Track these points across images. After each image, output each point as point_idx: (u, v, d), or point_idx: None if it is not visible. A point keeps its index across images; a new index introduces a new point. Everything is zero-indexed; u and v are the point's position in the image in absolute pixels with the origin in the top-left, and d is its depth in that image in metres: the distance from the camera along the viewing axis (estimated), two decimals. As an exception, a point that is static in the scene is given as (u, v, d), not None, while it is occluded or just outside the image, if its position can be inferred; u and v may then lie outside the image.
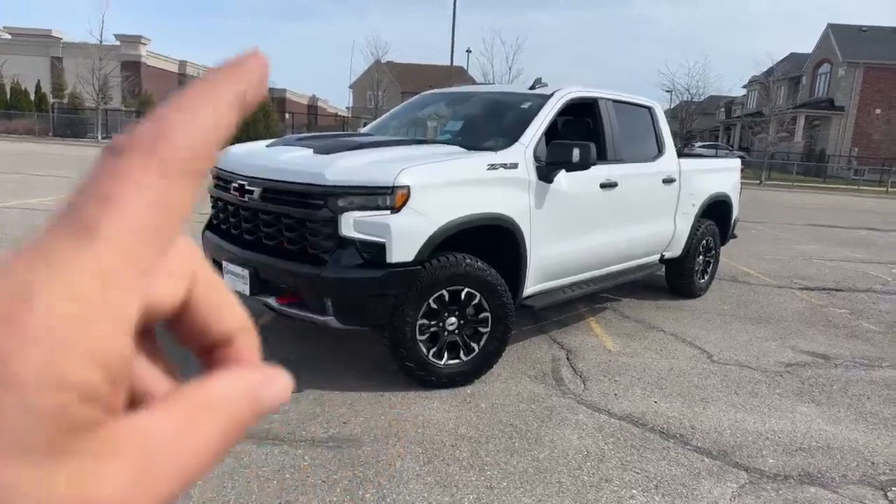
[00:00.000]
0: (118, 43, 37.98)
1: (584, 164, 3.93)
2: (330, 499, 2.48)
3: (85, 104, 32.26)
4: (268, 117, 28.68)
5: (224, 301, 0.24)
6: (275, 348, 4.09)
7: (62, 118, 32.17)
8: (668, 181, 5.34)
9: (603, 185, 4.49)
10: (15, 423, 0.17)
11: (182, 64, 47.03)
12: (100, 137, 30.88)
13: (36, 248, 0.18)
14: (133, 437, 0.19)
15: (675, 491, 2.71)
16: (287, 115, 41.24)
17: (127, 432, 0.19)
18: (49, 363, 0.17)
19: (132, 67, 37.72)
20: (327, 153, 3.50)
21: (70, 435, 0.18)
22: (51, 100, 33.34)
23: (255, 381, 0.22)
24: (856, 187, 30.64)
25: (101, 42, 31.82)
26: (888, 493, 2.82)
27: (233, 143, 4.56)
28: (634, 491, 2.69)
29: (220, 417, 0.21)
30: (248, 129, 26.96)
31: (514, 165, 3.79)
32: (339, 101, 72.78)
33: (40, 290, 0.17)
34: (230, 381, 0.22)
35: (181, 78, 46.04)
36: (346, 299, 3.21)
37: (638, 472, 2.84)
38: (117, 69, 33.86)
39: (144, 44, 41.12)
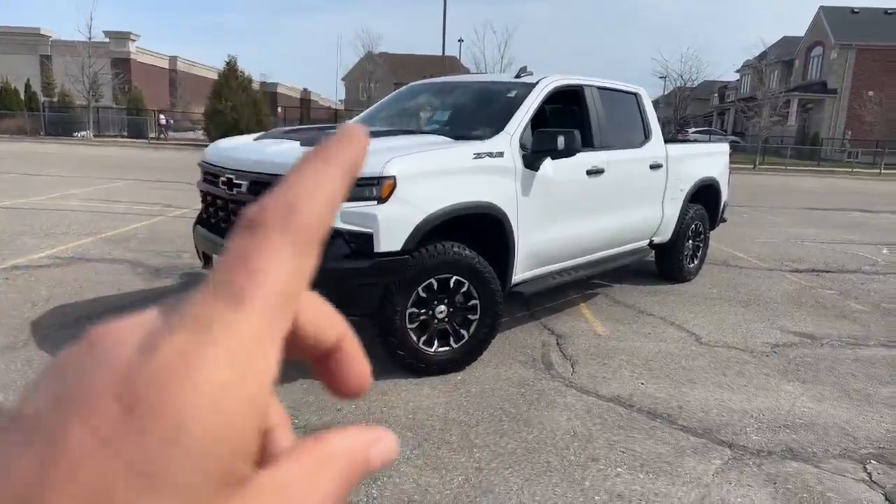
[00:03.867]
0: (107, 40, 37.74)
1: (569, 152, 3.97)
2: (322, 483, 2.54)
3: (76, 102, 32.07)
4: (259, 111, 28.56)
5: (326, 313, 0.26)
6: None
7: (53, 116, 31.97)
8: (656, 167, 5.38)
9: (589, 172, 4.53)
10: (186, 480, 0.18)
11: (172, 59, 46.71)
12: (91, 135, 30.73)
13: (194, 316, 0.20)
14: (270, 489, 0.20)
15: (659, 468, 2.77)
16: (279, 109, 41.07)
17: (266, 485, 0.20)
18: (216, 422, 0.19)
19: (122, 64, 37.51)
20: (314, 145, 3.52)
21: (227, 489, 0.19)
22: (41, 98, 33.13)
23: (366, 441, 0.24)
24: (850, 169, 30.72)
25: (90, 39, 31.60)
26: (867, 466, 2.89)
27: (222, 137, 4.61)
28: (620, 469, 2.76)
29: (339, 471, 0.22)
30: (239, 123, 26.87)
31: (500, 154, 3.83)
32: (331, 93, 72.47)
33: (205, 355, 0.19)
34: (346, 438, 0.23)
35: (172, 74, 45.78)
36: (335, 289, 3.25)
37: (624, 451, 2.91)
38: (107, 66, 33.66)
39: (133, 40, 40.83)
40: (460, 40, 41.81)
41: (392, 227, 3.25)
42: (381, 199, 3.23)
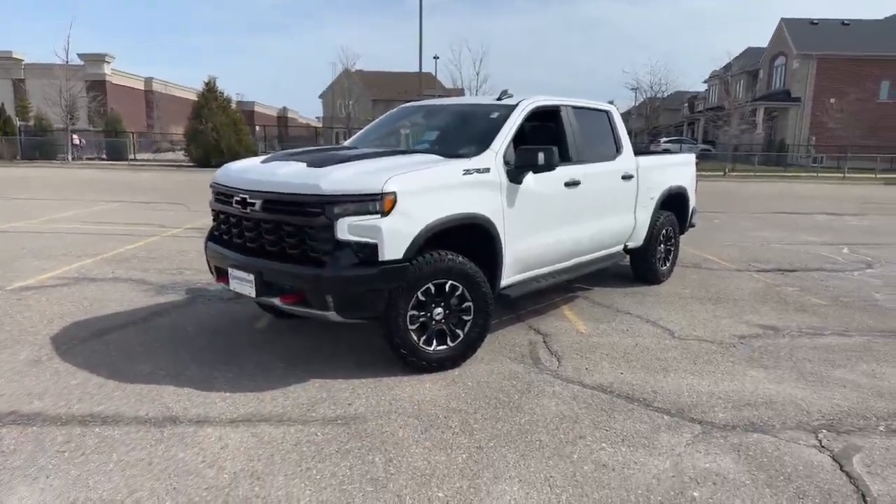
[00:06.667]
0: (82, 63, 37.66)
1: (548, 166, 4.39)
2: (344, 463, 2.88)
3: (52, 126, 31.95)
4: (239, 130, 28.76)
5: None
6: (278, 345, 4.46)
7: (29, 141, 31.81)
8: (627, 177, 5.83)
9: (567, 184, 4.95)
10: None
11: (148, 81, 46.72)
12: (70, 158, 30.61)
13: None
14: None
15: (638, 442, 3.16)
16: (258, 128, 41.23)
17: None
18: None
19: (98, 87, 37.46)
20: (320, 166, 3.90)
21: None
22: (17, 123, 32.93)
23: None
24: (815, 174, 31.88)
25: (66, 62, 31.56)
26: (818, 435, 3.31)
27: (204, 157, 4.89)
28: (604, 444, 3.14)
29: None
30: (220, 143, 27.05)
31: (487, 170, 4.23)
32: (308, 110, 72.65)
33: None
34: None
35: (148, 95, 45.74)
36: (345, 295, 3.61)
37: (607, 430, 3.29)
38: (83, 89, 33.61)
39: (108, 62, 40.83)
40: (436, 57, 42.47)
41: (394, 238, 3.62)
42: (384, 213, 3.59)
